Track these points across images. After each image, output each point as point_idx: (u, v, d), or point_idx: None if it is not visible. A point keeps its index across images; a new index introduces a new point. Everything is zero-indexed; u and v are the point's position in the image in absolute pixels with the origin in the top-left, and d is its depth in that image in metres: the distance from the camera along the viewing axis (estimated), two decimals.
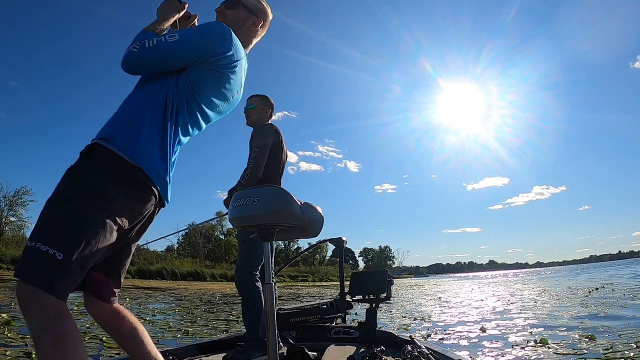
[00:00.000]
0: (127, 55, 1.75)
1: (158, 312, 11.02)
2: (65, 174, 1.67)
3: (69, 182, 1.64)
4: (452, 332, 7.30)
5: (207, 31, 1.87)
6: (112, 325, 1.90)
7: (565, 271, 67.38)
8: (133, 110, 1.80)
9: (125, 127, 1.74)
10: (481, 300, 15.56)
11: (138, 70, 1.84)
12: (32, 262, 1.49)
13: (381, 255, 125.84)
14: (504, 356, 5.12)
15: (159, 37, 1.80)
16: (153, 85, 1.84)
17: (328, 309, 4.25)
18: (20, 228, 43.31)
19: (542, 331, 6.82)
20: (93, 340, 5.73)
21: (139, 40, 1.77)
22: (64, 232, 1.52)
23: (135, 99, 1.86)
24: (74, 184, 1.62)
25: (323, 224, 3.30)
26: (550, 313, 9.51)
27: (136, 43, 1.76)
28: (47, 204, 1.59)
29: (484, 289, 25.52)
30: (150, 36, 1.79)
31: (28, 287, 1.47)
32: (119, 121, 1.78)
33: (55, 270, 1.47)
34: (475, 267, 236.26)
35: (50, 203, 1.59)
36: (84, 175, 1.64)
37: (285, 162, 3.90)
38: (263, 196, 2.06)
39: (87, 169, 1.66)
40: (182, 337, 6.81)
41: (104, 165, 1.66)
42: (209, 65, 1.84)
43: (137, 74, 1.88)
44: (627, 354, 4.83)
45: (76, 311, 9.69)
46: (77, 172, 1.67)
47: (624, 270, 40.32)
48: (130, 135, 1.72)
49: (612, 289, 15.94)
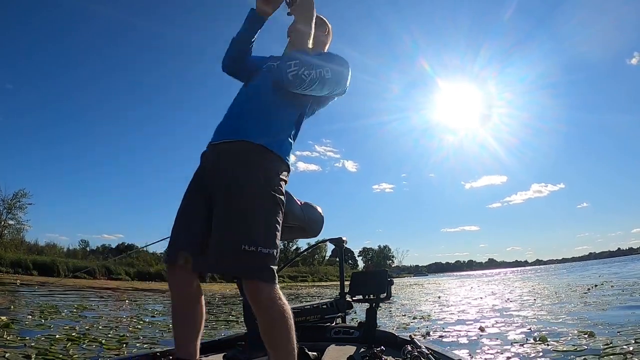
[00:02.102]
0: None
1: (158, 314, 11.00)
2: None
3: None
4: (451, 330, 7.30)
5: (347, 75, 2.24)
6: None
7: (565, 269, 67.40)
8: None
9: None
10: (480, 298, 15.58)
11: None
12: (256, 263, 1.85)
13: (380, 254, 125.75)
14: (503, 354, 5.12)
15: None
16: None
17: (328, 309, 4.23)
18: (19, 231, 43.19)
19: (541, 328, 6.82)
20: (93, 343, 5.72)
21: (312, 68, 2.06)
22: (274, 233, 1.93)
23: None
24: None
25: (323, 224, 3.31)
26: (549, 310, 9.52)
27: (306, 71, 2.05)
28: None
29: (483, 287, 25.55)
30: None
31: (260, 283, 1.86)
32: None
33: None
34: (475, 266, 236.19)
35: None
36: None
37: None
38: None
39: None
40: None
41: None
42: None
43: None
44: (625, 349, 4.84)
45: (75, 313, 9.70)
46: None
47: (623, 267, 40.34)
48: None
49: (611, 286, 15.95)
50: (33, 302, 12.62)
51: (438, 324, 8.38)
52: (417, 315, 10.21)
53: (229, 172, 1.97)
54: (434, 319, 9.38)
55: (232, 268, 1.87)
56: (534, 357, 4.92)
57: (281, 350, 1.85)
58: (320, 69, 2.05)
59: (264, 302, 1.84)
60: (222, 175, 1.99)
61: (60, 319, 8.33)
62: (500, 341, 5.91)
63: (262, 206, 1.92)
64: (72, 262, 36.38)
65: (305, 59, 2.04)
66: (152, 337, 6.55)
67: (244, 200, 1.90)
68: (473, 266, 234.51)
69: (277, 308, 1.84)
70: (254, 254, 1.83)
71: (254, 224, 1.88)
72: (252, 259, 1.82)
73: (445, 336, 6.65)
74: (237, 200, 1.90)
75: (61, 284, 24.93)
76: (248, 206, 1.90)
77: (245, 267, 1.83)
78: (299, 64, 2.02)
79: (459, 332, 7.00)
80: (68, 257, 43.27)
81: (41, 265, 32.58)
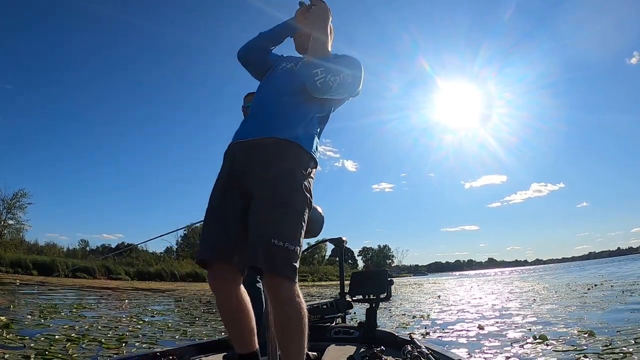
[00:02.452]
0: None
1: (157, 314, 11.01)
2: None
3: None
4: (450, 330, 7.31)
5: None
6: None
7: (565, 268, 67.44)
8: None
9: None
10: (480, 298, 15.59)
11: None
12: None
13: (380, 254, 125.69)
14: (503, 353, 5.12)
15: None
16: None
17: (328, 309, 4.24)
18: (18, 231, 43.09)
19: (541, 328, 6.83)
20: (93, 343, 5.72)
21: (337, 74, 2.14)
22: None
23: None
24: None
25: (324, 224, 3.30)
26: (549, 310, 9.53)
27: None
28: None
29: (483, 286, 25.58)
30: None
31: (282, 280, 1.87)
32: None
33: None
34: (475, 265, 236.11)
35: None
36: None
37: None
38: None
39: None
40: (181, 337, 6.81)
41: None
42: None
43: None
44: (625, 349, 4.84)
45: (75, 312, 9.70)
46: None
47: (623, 266, 40.37)
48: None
49: (611, 286, 15.97)
50: (32, 302, 12.63)
51: (438, 323, 8.39)
52: (416, 314, 10.22)
53: (264, 167, 2.00)
54: (434, 318, 9.39)
55: (260, 261, 1.86)
56: (534, 357, 4.93)
57: (293, 348, 1.86)
58: (342, 74, 2.13)
59: (283, 298, 1.85)
60: (257, 169, 2.01)
61: (59, 319, 8.33)
62: (499, 341, 5.91)
63: (295, 202, 1.95)
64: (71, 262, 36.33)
65: (330, 67, 2.12)
66: (151, 337, 6.55)
67: (279, 194, 1.93)
68: (473, 266, 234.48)
69: (295, 305, 1.85)
70: (282, 249, 1.85)
71: (285, 219, 1.91)
72: (280, 253, 1.84)
73: (444, 336, 6.65)
74: (273, 194, 1.93)
75: (61, 284, 24.95)
76: (283, 200, 1.92)
77: (272, 261, 1.84)
78: (325, 71, 2.09)
79: (458, 332, 7.01)
80: (68, 256, 43.22)
81: (41, 265, 32.56)
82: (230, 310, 2.10)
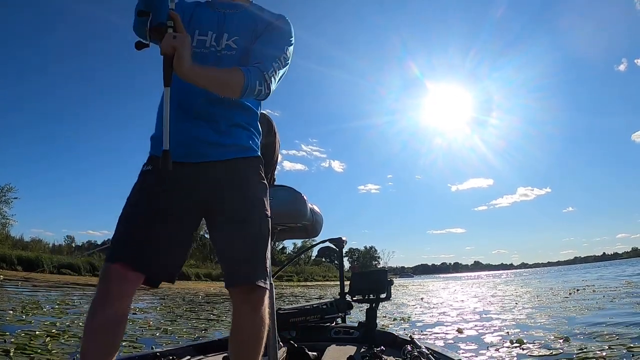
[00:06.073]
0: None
1: (139, 311, 10.98)
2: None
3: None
4: (429, 332, 7.39)
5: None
6: None
7: (549, 272, 67.95)
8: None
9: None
10: (462, 301, 15.71)
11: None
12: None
13: (367, 255, 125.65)
14: (478, 357, 5.20)
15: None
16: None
17: (328, 309, 4.24)
18: (4, 226, 42.57)
19: (519, 332, 6.92)
20: (73, 339, 5.72)
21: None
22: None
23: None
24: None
25: (323, 224, 3.35)
26: (529, 314, 9.63)
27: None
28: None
29: (467, 289, 25.72)
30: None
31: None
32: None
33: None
34: (461, 268, 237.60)
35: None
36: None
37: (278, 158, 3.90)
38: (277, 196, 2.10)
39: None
40: (161, 335, 6.82)
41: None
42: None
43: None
44: (599, 354, 4.93)
45: (57, 309, 9.66)
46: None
47: (606, 271, 40.72)
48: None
49: (592, 290, 16.12)
50: (15, 297, 12.55)
51: (417, 325, 8.47)
52: (397, 317, 10.28)
53: (226, 193, 1.84)
54: (414, 320, 9.47)
55: (241, 274, 1.80)
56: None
57: (258, 354, 1.84)
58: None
59: (257, 306, 1.80)
60: (219, 196, 1.85)
61: (41, 315, 8.31)
62: (476, 344, 6.00)
63: (263, 215, 1.87)
64: (57, 258, 35.98)
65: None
66: (131, 335, 6.54)
67: (245, 209, 1.84)
68: (459, 268, 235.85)
69: (265, 315, 1.82)
70: (258, 259, 1.82)
71: (256, 230, 1.84)
72: (255, 263, 1.81)
73: (422, 338, 6.70)
74: (240, 211, 1.83)
75: (45, 280, 24.71)
76: (250, 216, 1.84)
77: (251, 271, 1.79)
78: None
79: (436, 335, 7.09)
80: (53, 252, 42.85)
81: (26, 260, 32.23)
82: (109, 324, 1.70)
